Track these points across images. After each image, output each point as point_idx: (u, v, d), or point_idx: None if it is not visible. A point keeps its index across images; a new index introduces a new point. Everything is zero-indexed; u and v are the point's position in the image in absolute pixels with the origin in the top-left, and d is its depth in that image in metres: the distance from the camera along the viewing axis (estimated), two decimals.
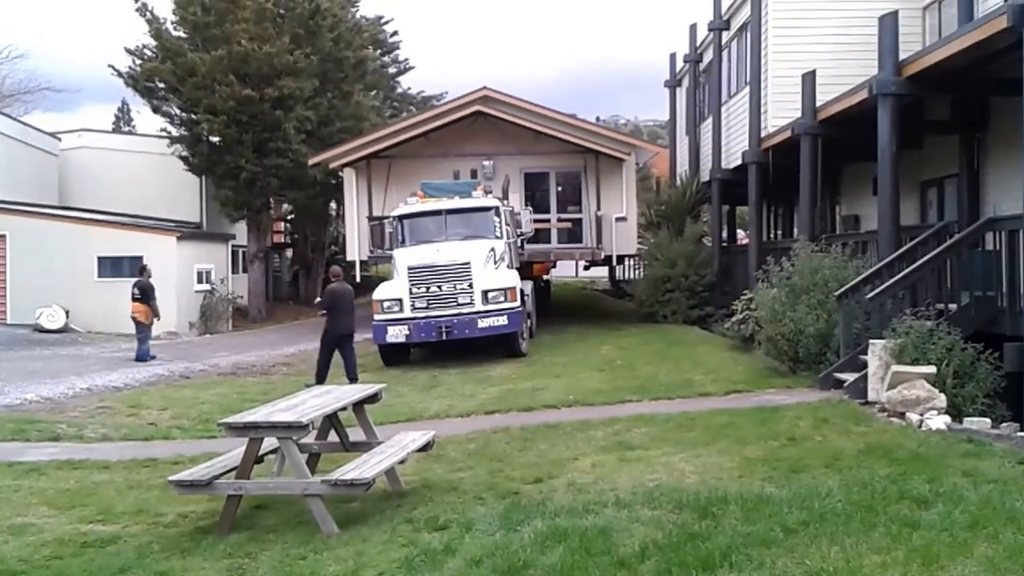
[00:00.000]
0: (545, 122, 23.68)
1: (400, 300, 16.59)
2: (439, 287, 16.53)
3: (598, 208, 23.64)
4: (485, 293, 16.56)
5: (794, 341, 12.59)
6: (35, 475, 8.95)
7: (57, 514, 7.59)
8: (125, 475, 8.89)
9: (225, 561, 6.25)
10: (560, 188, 24.97)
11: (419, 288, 16.63)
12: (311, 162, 25.94)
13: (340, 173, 25.71)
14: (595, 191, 23.77)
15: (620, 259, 27.63)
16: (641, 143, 28.42)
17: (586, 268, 29.54)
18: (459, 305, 16.54)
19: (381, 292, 17.12)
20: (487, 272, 16.86)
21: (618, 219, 23.96)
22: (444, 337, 16.36)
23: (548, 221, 24.32)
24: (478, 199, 18.56)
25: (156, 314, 18.87)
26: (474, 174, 23.09)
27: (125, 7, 35.76)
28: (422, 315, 16.52)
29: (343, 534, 6.60)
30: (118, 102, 62.30)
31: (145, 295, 18.57)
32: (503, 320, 16.44)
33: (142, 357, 18.43)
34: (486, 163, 23.49)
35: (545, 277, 27.34)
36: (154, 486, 8.28)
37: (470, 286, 16.55)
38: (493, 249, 17.37)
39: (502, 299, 16.55)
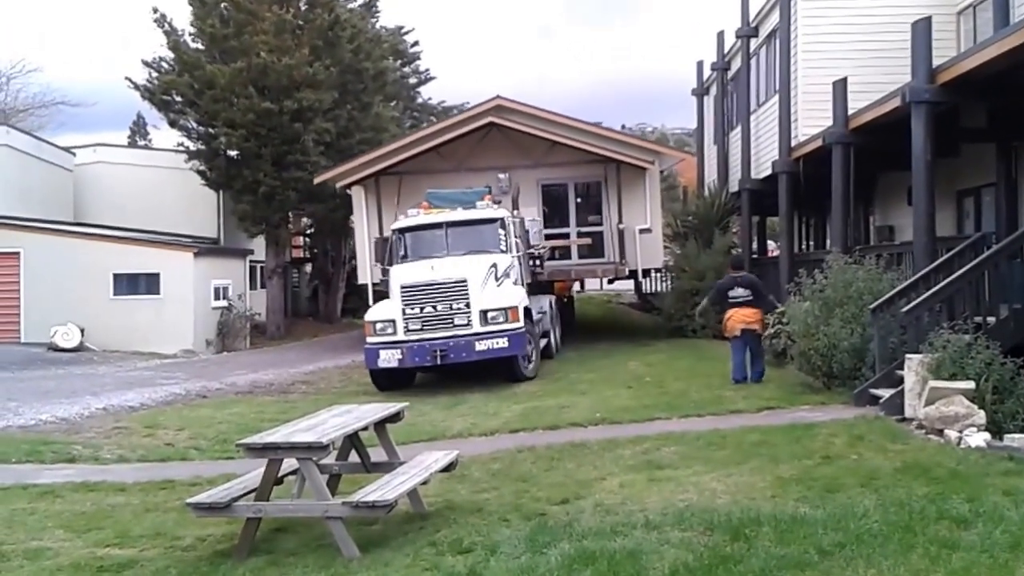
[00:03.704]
0: (561, 131, 22.78)
1: (393, 321, 15.51)
2: (434, 307, 15.43)
3: (619, 220, 22.67)
4: (484, 313, 15.46)
5: (828, 356, 12.32)
6: (50, 498, 8.88)
7: (73, 538, 7.50)
8: (142, 497, 8.81)
9: None
10: (579, 200, 23.78)
11: (412, 308, 15.49)
12: (316, 180, 25.17)
13: (348, 191, 24.86)
14: (616, 202, 22.79)
15: (646, 272, 26.89)
16: (665, 149, 27.08)
17: (609, 282, 28.97)
18: (455, 326, 15.41)
19: (374, 313, 16.17)
20: (487, 290, 15.71)
21: (642, 231, 22.84)
22: (439, 362, 15.29)
23: (568, 236, 23.25)
24: (483, 210, 17.36)
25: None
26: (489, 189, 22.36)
27: (143, 20, 36.06)
28: (416, 338, 15.39)
29: (364, 558, 6.46)
30: (133, 116, 62.54)
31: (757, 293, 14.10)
32: (503, 342, 15.30)
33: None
34: (501, 176, 22.33)
35: (568, 293, 26.78)
36: (171, 508, 8.19)
37: (467, 306, 15.43)
38: (495, 265, 16.19)
39: (502, 319, 15.41)
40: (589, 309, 31.00)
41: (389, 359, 15.41)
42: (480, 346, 15.29)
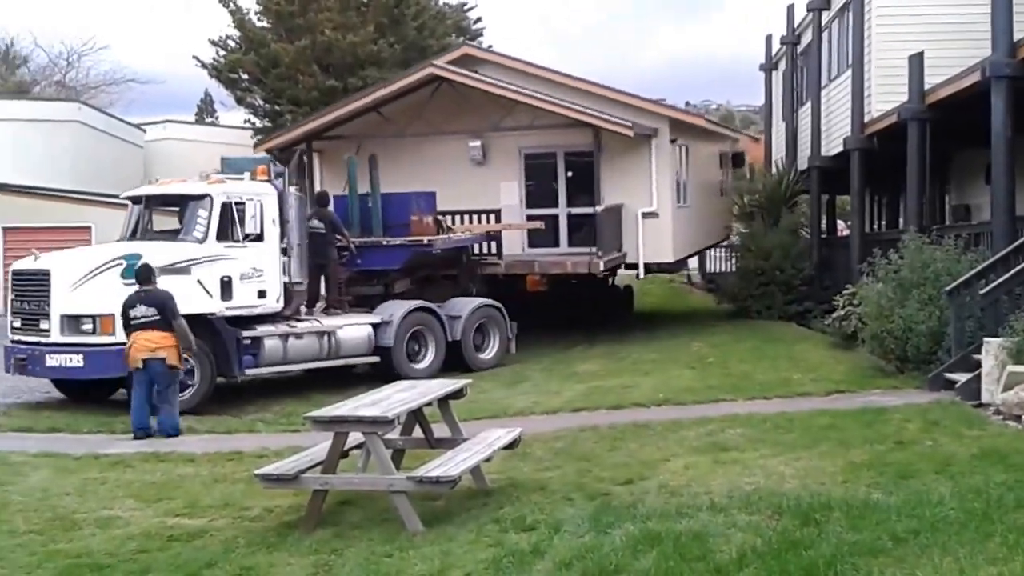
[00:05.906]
0: (525, 84, 18.43)
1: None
2: (26, 303, 12.61)
3: (599, 200, 17.88)
4: (73, 319, 12.14)
5: (903, 339, 11.94)
6: (121, 467, 9.05)
7: (143, 507, 7.65)
8: (210, 468, 8.94)
9: (311, 557, 6.21)
10: (571, 173, 19.24)
11: (18, 303, 12.79)
12: (258, 150, 22.29)
13: (305, 158, 20.99)
14: (611, 176, 18.12)
15: (651, 268, 20.28)
16: (671, 112, 19.74)
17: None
18: (40, 331, 12.37)
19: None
20: (84, 289, 12.22)
21: (645, 215, 18.51)
22: (21, 372, 12.58)
23: (556, 218, 19.06)
24: (188, 184, 14.16)
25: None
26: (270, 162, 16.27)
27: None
28: (15, 338, 12.72)
29: (428, 533, 6.49)
30: (200, 95, 63.35)
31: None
32: (77, 360, 12.01)
33: None
34: (473, 144, 18.87)
35: (625, 283, 23.76)
36: (239, 479, 8.30)
37: (48, 305, 12.31)
38: (135, 257, 12.17)
39: (91, 329, 12.05)
40: (651, 288, 30.77)
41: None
42: (51, 361, 12.21)
